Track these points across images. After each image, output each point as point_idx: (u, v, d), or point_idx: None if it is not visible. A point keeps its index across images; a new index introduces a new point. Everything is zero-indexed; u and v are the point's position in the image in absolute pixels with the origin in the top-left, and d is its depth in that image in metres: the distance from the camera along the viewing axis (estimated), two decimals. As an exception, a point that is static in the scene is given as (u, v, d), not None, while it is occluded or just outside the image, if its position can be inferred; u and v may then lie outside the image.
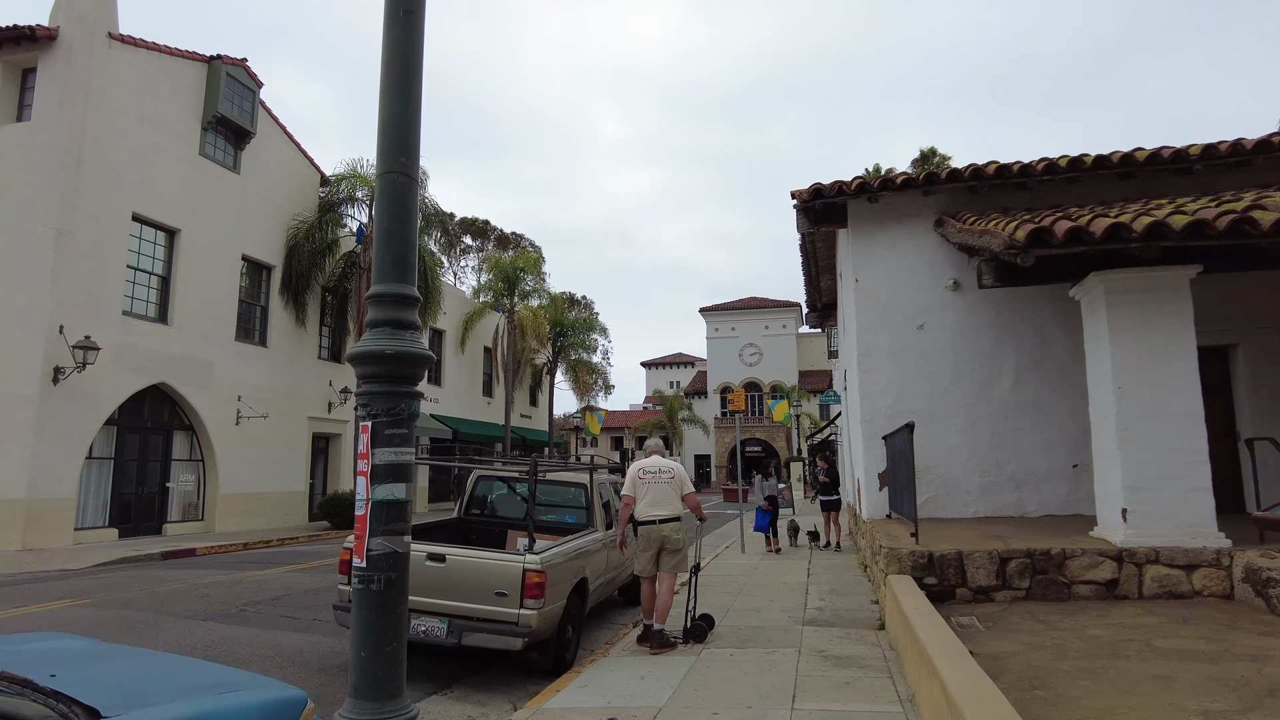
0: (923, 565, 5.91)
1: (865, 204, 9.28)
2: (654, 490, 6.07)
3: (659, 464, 6.24)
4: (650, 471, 6.18)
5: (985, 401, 8.80)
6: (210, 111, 18.40)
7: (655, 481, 6.13)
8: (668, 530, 5.94)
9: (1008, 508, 8.59)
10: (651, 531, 5.92)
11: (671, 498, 6.10)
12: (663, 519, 5.96)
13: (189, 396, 17.64)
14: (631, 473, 6.20)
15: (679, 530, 6.01)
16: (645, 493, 6.07)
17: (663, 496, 6.05)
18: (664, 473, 6.20)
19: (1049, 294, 8.79)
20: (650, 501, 6.03)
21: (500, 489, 7.43)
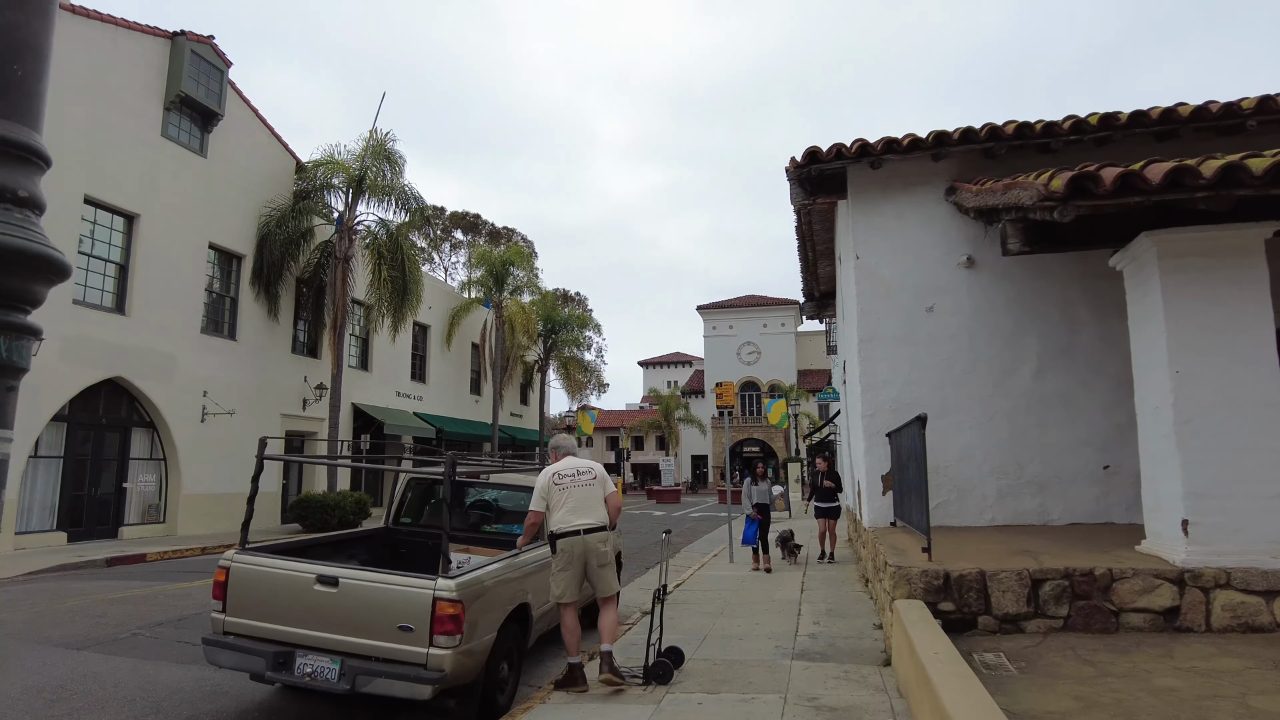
0: (937, 588, 4.85)
1: (867, 170, 8.22)
2: (575, 495, 5.06)
3: (576, 465, 5.25)
4: (567, 475, 5.17)
5: (1003, 394, 7.73)
6: (173, 91, 17.34)
7: (575, 485, 5.12)
8: (593, 542, 4.94)
9: (1029, 515, 7.53)
10: (574, 544, 4.91)
11: (595, 502, 5.10)
12: (588, 528, 4.95)
13: (148, 391, 16.59)
14: (542, 481, 5.17)
15: (606, 541, 5.02)
16: (563, 500, 5.05)
17: (586, 501, 5.05)
18: (584, 474, 5.20)
19: (1076, 271, 7.75)
20: (571, 509, 5.02)
21: (441, 492, 6.36)
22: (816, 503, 11.72)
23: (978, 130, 7.58)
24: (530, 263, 36.45)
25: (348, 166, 20.71)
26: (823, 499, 11.56)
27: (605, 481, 5.26)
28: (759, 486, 11.07)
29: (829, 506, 11.50)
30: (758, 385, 52.28)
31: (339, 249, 20.49)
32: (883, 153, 7.79)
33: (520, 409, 36.22)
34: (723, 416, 12.55)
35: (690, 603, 7.71)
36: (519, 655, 4.83)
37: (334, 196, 21.40)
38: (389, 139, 20.91)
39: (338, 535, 5.51)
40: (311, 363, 21.87)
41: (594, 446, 56.46)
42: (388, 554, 5.82)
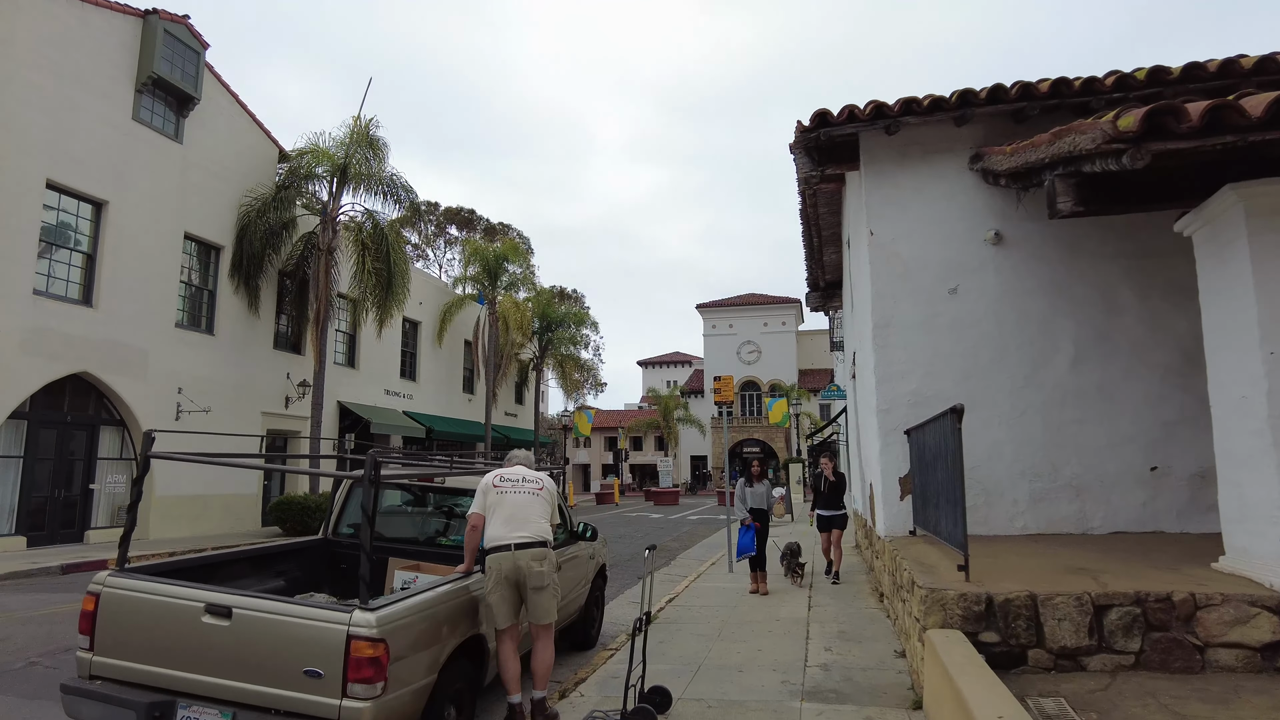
0: (978, 615, 4.00)
1: (882, 137, 7.37)
2: (511, 503, 4.28)
3: (524, 473, 4.48)
4: (509, 479, 4.39)
5: (1036, 385, 6.88)
6: (145, 72, 16.47)
7: (514, 491, 4.33)
8: (525, 560, 4.12)
9: (1065, 522, 6.68)
10: (502, 561, 4.10)
11: (535, 515, 4.31)
12: (520, 543, 4.14)
13: (117, 388, 15.73)
14: (483, 482, 4.41)
15: (543, 559, 4.20)
16: (498, 507, 4.23)
17: (523, 512, 4.26)
18: (529, 482, 4.42)
19: (1117, 249, 6.91)
20: (505, 519, 4.23)
21: (392, 499, 5.51)
22: (819, 510, 9.91)
23: (1007, 88, 6.72)
24: (526, 258, 35.67)
25: (332, 155, 19.85)
26: (827, 506, 9.81)
27: (552, 499, 4.48)
28: (755, 489, 9.15)
29: (834, 515, 9.70)
30: (758, 385, 51.39)
31: (322, 240, 19.64)
32: (900, 114, 6.94)
33: (515, 409, 35.36)
34: (722, 416, 11.63)
35: (683, 622, 6.85)
36: (471, 697, 3.98)
37: (318, 186, 20.55)
38: (373, 125, 20.03)
39: (264, 549, 4.66)
40: (295, 359, 21.01)
41: (592, 447, 55.60)
42: (325, 571, 4.97)
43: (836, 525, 9.69)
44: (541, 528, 4.26)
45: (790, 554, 9.56)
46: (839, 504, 9.76)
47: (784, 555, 9.55)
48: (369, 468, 3.26)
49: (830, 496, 9.75)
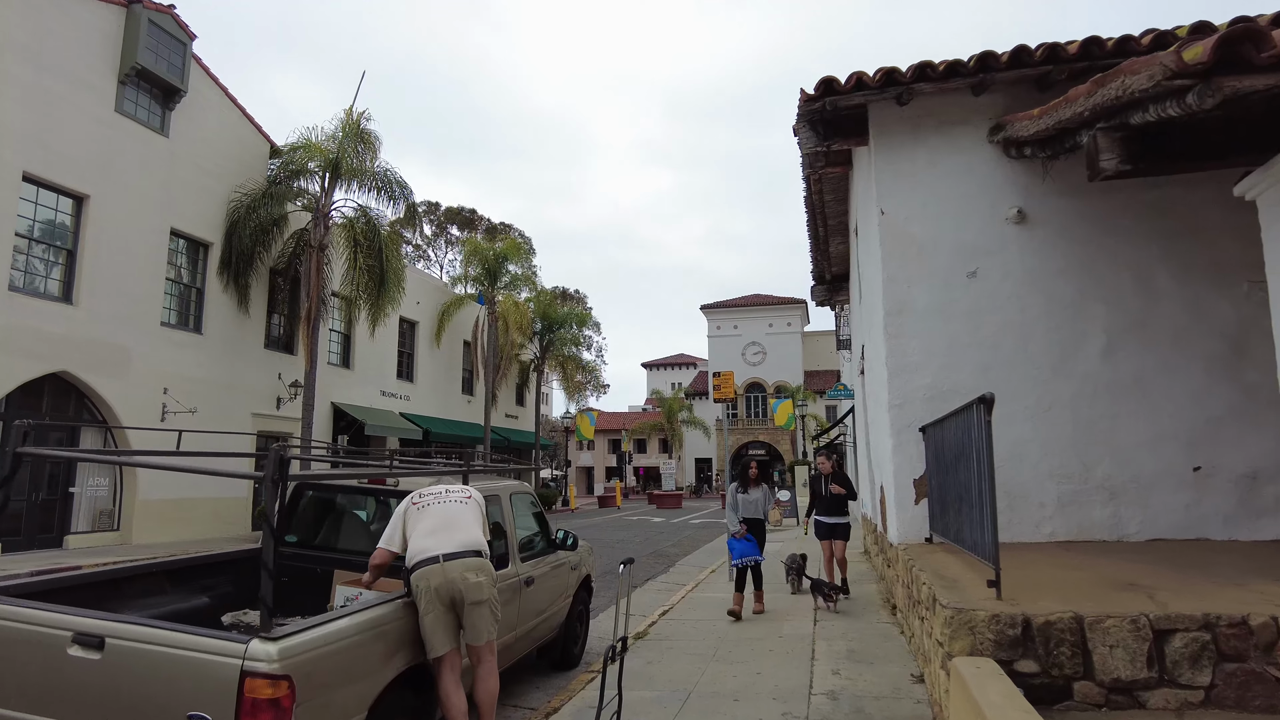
0: (1013, 640, 3.37)
1: (893, 108, 6.76)
2: (436, 514, 3.69)
3: (449, 486, 3.94)
4: (431, 493, 3.82)
5: (1064, 377, 6.25)
6: (128, 62, 15.97)
7: (439, 502, 3.75)
8: (457, 571, 3.49)
9: (1098, 527, 6.04)
10: (430, 576, 3.47)
11: (466, 523, 3.73)
12: (451, 553, 3.52)
13: (99, 388, 15.21)
14: (400, 507, 3.82)
15: (480, 570, 3.57)
16: (419, 521, 3.66)
17: (452, 521, 3.68)
18: (454, 492, 3.86)
19: (1153, 227, 6.29)
20: (430, 529, 3.64)
21: (342, 503, 4.91)
22: (818, 517, 8.35)
23: (1032, 50, 6.10)
24: (527, 258, 35.11)
25: (324, 149, 19.34)
26: (828, 512, 8.25)
27: (482, 510, 3.91)
28: (750, 495, 7.63)
29: (836, 523, 8.19)
30: (763, 386, 50.72)
31: (314, 236, 19.12)
32: (913, 81, 6.32)
33: (516, 410, 34.79)
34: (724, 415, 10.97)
35: (675, 639, 6.23)
36: (417, 735, 3.39)
37: (310, 182, 20.04)
38: (364, 119, 19.51)
39: (189, 560, 4.07)
40: (287, 359, 20.48)
41: (595, 449, 55.00)
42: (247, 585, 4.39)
43: (838, 535, 8.20)
44: (474, 536, 3.67)
45: (794, 566, 8.67)
46: (842, 510, 8.25)
47: (788, 569, 8.70)
48: (272, 466, 2.67)
49: (831, 501, 8.23)
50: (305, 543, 4.70)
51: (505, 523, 4.60)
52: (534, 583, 4.77)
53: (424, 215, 41.09)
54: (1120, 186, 6.29)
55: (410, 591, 3.45)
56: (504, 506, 4.63)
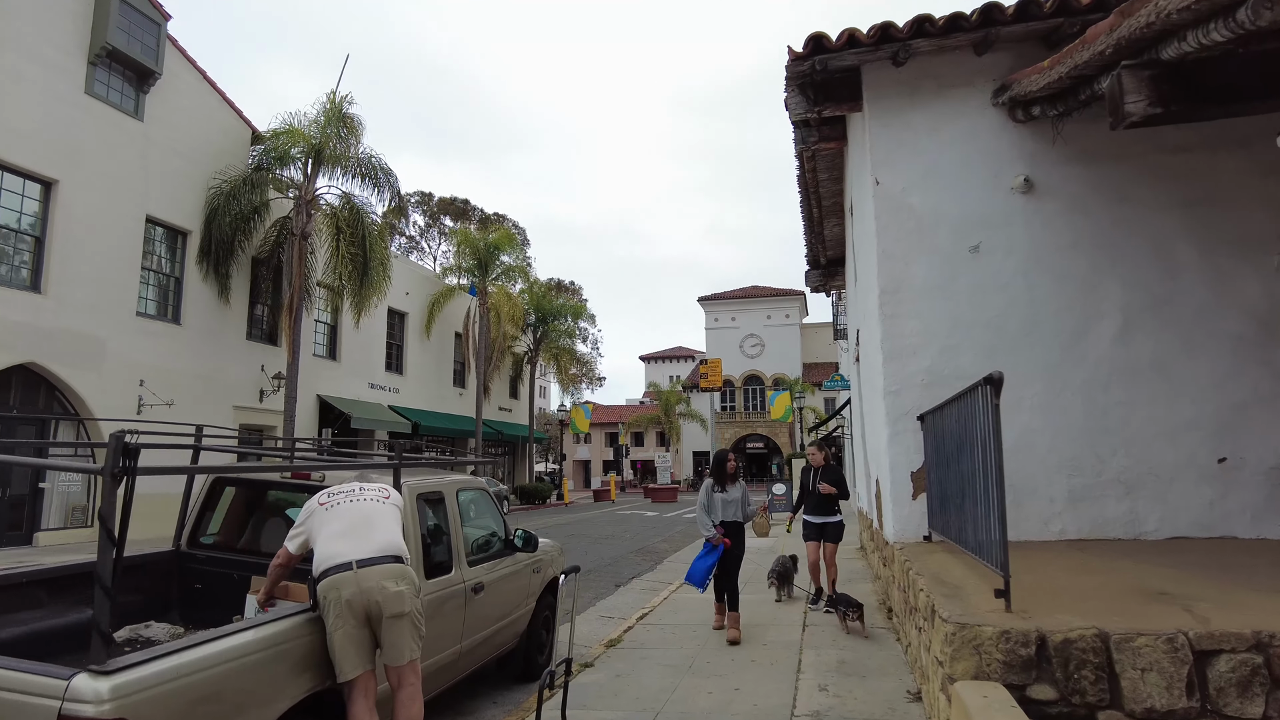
0: (1025, 661, 2.86)
1: (889, 69, 6.22)
2: (347, 514, 3.17)
3: (362, 484, 3.40)
4: (342, 490, 3.31)
5: (1075, 361, 5.73)
6: (99, 43, 15.38)
7: (349, 500, 3.22)
8: (373, 580, 2.97)
9: (1113, 525, 5.52)
10: (341, 585, 2.94)
11: (382, 524, 3.19)
12: (365, 559, 3.00)
13: (70, 380, 14.69)
14: (306, 506, 3.30)
15: (401, 579, 3.06)
16: (328, 522, 3.13)
17: (365, 522, 3.16)
18: (370, 489, 3.33)
19: (1174, 197, 5.77)
20: (340, 532, 3.10)
21: (273, 500, 4.37)
22: (806, 516, 7.38)
23: (1041, 2, 5.54)
24: (520, 249, 34.55)
25: (307, 135, 18.77)
26: (816, 510, 7.27)
27: (399, 509, 3.38)
28: (728, 493, 6.45)
29: (826, 523, 7.23)
30: (761, 379, 50.21)
31: (296, 224, 18.58)
32: (910, 37, 5.77)
33: (509, 403, 34.27)
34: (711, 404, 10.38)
35: (651, 647, 5.72)
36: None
37: (293, 169, 19.48)
38: (347, 102, 18.93)
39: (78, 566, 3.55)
40: (270, 350, 19.95)
41: (592, 443, 54.55)
42: (174, 592, 3.88)
43: (829, 537, 7.22)
44: (393, 539, 3.15)
45: (783, 572, 7.71)
46: (833, 508, 7.29)
47: (774, 573, 7.74)
48: (111, 456, 2.15)
49: (822, 498, 7.27)
50: (226, 544, 4.18)
51: (449, 522, 4.08)
52: (485, 589, 4.25)
53: (416, 206, 40.50)
54: (1137, 152, 5.77)
55: (316, 604, 2.94)
56: (448, 504, 4.11)
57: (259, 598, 3.26)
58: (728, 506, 6.42)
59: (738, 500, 6.46)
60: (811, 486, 7.31)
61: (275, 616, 2.87)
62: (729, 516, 6.40)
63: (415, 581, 3.12)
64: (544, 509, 29.07)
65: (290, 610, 2.93)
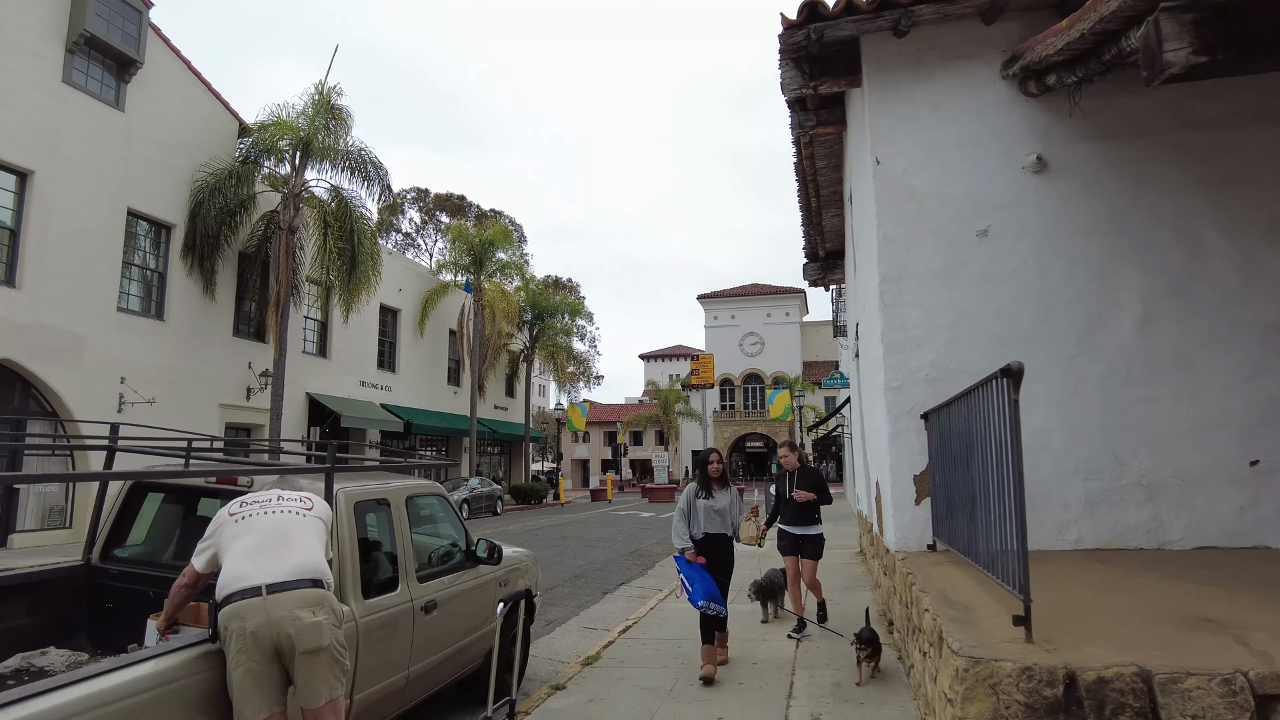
0: (1052, 704, 2.42)
1: (890, 40, 5.77)
2: (261, 529, 2.71)
3: (281, 492, 2.93)
4: (256, 501, 2.85)
5: (1091, 353, 5.28)
6: (77, 30, 14.94)
7: (265, 513, 2.77)
8: (285, 609, 2.52)
9: (1133, 532, 5.07)
10: (248, 613, 2.48)
11: (302, 540, 2.74)
12: (276, 584, 2.55)
13: (47, 377, 14.27)
14: (218, 516, 2.83)
15: (319, 607, 2.60)
16: (237, 537, 2.69)
17: (281, 538, 2.70)
18: (288, 499, 2.87)
19: (1193, 177, 5.33)
20: (249, 550, 2.64)
21: (205, 510, 3.92)
22: (782, 526, 6.40)
23: (1056, -37, 5.09)
24: (516, 246, 34.09)
25: (295, 127, 18.33)
26: (793, 520, 6.28)
27: (326, 524, 2.93)
28: (713, 500, 5.37)
29: (803, 535, 6.25)
30: (761, 377, 49.76)
31: (283, 218, 18.14)
32: (913, 3, 5.32)
33: (505, 402, 33.83)
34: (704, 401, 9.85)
35: (631, 665, 5.27)
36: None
37: (280, 162, 19.02)
38: (334, 93, 18.49)
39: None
40: (258, 347, 19.52)
41: (590, 442, 54.13)
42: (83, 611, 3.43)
43: (808, 551, 6.24)
44: (312, 559, 2.69)
45: (769, 587, 6.75)
46: (811, 518, 6.28)
47: (758, 587, 6.75)
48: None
49: (799, 507, 6.22)
50: (147, 558, 3.73)
51: (396, 533, 3.64)
52: (438, 608, 3.81)
53: (412, 202, 40.04)
54: (1158, 128, 5.33)
55: (216, 634, 2.50)
56: (395, 512, 3.67)
57: (159, 624, 2.82)
58: (712, 516, 5.32)
59: (725, 509, 5.37)
60: (787, 493, 6.32)
61: (167, 649, 2.43)
62: (713, 528, 5.30)
63: (337, 609, 2.67)
64: (539, 509, 28.63)
65: (187, 641, 2.49)
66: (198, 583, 2.76)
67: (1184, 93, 5.20)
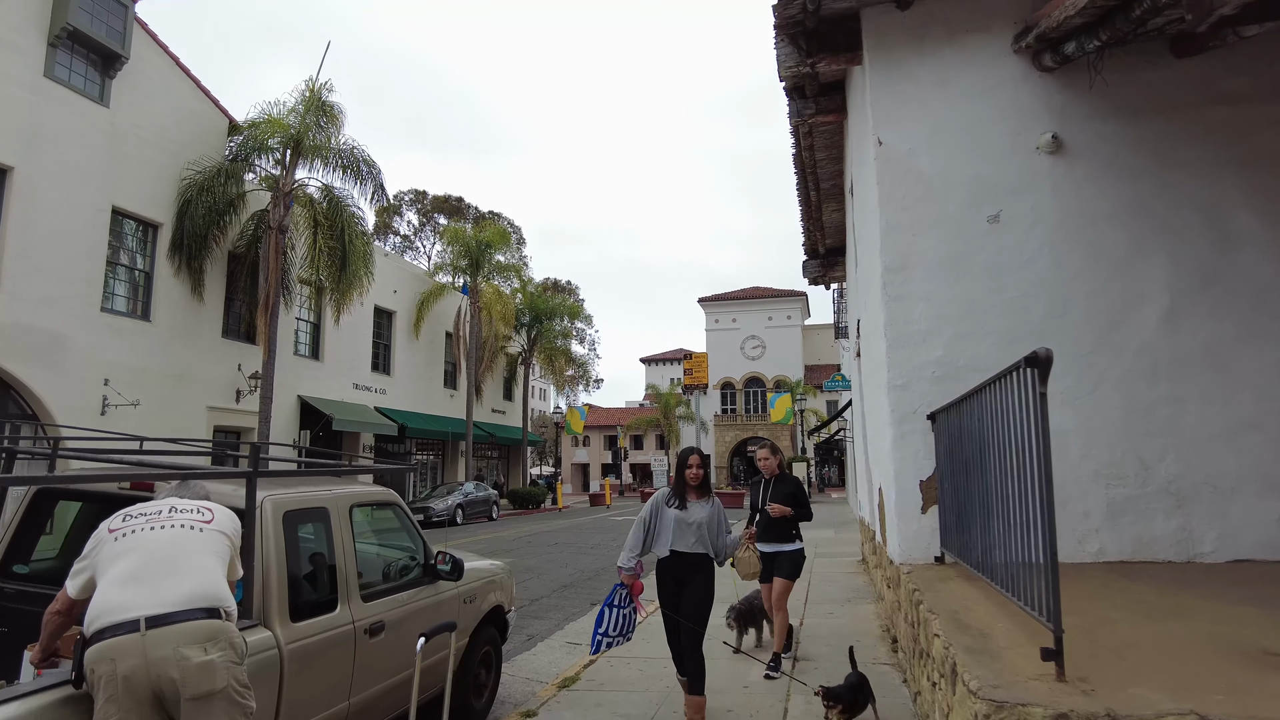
0: (1093, 760, 1.98)
1: (892, 13, 5.37)
2: (140, 548, 2.29)
3: (175, 502, 2.48)
4: (143, 514, 2.41)
5: (1113, 350, 4.86)
6: (59, 23, 14.60)
7: (154, 526, 2.34)
8: (169, 646, 2.09)
9: (1161, 544, 4.65)
10: (121, 653, 2.04)
11: (194, 560, 2.31)
12: (157, 615, 2.12)
13: (26, 378, 13.89)
14: (97, 532, 2.39)
15: (214, 642, 2.18)
16: (115, 559, 2.26)
17: (164, 559, 2.28)
18: (182, 511, 2.43)
19: (1224, 157, 4.91)
20: (127, 574, 2.22)
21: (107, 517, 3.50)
22: (760, 544, 5.16)
23: (1074, -76, 4.67)
24: (514, 247, 33.77)
25: (285, 124, 17.98)
26: (766, 536, 5.30)
27: (230, 538, 2.48)
28: (687, 512, 4.28)
29: (777, 552, 5.32)
30: (762, 381, 49.28)
31: (273, 217, 17.77)
32: (919, -30, 4.91)
33: (503, 405, 33.42)
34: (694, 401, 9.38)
35: (611, 689, 4.84)
36: None
37: (270, 160, 18.66)
38: (325, 89, 18.13)
39: None
40: (247, 349, 19.14)
41: (591, 446, 53.70)
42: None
43: (781, 571, 5.30)
44: (207, 584, 2.27)
45: (747, 611, 5.76)
46: (787, 534, 5.38)
47: (736, 612, 5.75)
48: None
49: (775, 521, 5.33)
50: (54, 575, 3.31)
51: (335, 547, 3.22)
52: (385, 630, 3.39)
53: (410, 204, 39.70)
54: (1186, 104, 4.92)
55: (81, 677, 2.08)
56: (335, 523, 3.25)
57: (33, 656, 2.40)
58: (684, 531, 4.19)
59: (701, 523, 4.21)
60: (761, 503, 5.42)
61: (17, 691, 2.01)
62: (684, 546, 4.18)
63: (238, 643, 2.24)
64: (536, 514, 28.18)
65: (45, 683, 2.07)
66: (72, 610, 2.34)
67: (1214, 65, 4.80)
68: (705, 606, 4.18)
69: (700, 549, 4.22)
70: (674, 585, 4.21)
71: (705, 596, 4.19)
